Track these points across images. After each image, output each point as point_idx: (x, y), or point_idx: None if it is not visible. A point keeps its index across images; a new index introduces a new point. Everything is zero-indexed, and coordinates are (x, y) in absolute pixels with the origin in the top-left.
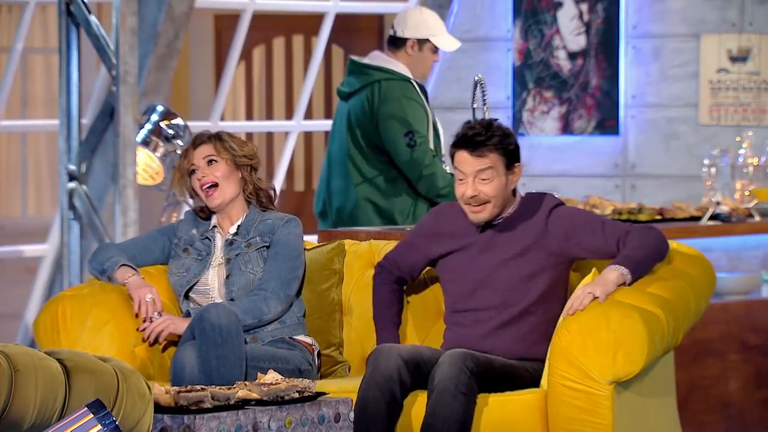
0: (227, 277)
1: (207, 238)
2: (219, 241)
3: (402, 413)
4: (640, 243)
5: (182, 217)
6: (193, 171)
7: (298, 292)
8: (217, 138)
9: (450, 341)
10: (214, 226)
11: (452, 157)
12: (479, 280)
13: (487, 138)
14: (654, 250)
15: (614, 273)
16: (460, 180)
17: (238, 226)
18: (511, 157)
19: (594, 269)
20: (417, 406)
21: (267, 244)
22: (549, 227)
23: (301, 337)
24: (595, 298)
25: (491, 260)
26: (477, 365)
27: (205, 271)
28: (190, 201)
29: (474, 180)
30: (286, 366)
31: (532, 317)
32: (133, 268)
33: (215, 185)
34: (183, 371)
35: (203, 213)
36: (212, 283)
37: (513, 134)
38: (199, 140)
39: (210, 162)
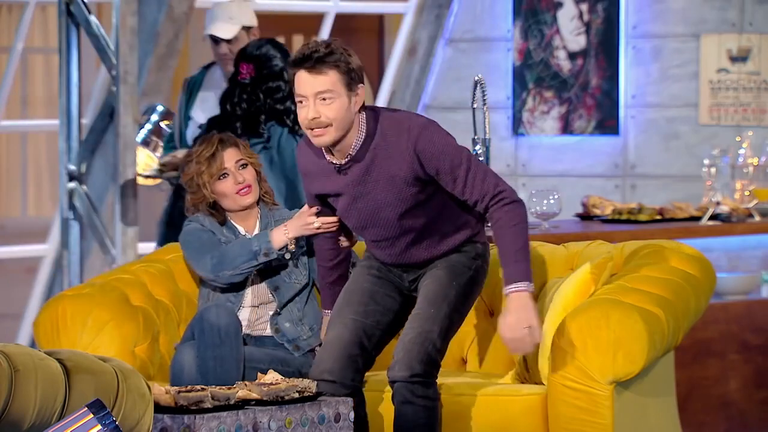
0: (276, 289)
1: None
2: None
3: (385, 413)
4: (518, 238)
5: (195, 222)
6: (224, 175)
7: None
8: (237, 141)
9: (370, 254)
10: (243, 233)
11: (293, 80)
12: (363, 220)
13: (326, 55)
14: (526, 237)
15: (524, 298)
16: (301, 103)
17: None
18: (353, 77)
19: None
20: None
21: (303, 249)
22: (415, 166)
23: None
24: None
25: (367, 206)
26: (423, 363)
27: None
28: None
29: (314, 102)
30: (286, 368)
31: (435, 224)
32: (267, 231)
33: (249, 186)
34: (182, 372)
35: (217, 218)
36: (247, 289)
37: (356, 56)
38: (224, 144)
39: (243, 166)
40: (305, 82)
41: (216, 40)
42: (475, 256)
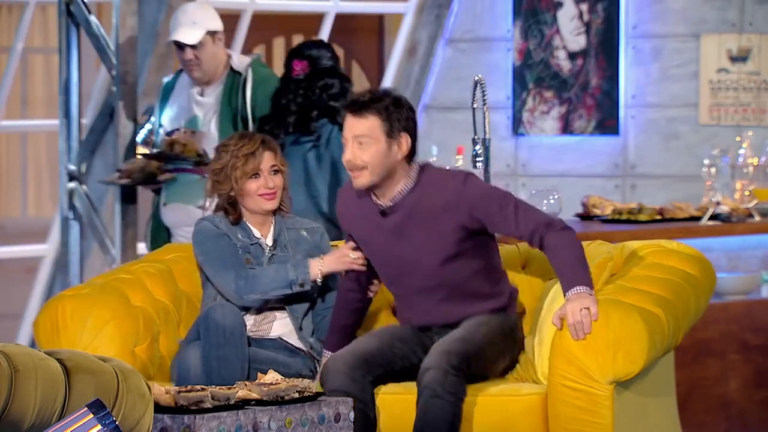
0: (289, 302)
1: (258, 243)
2: (266, 251)
3: (391, 416)
4: (576, 254)
5: (209, 222)
6: (256, 175)
7: None
8: (276, 146)
9: (401, 319)
10: (257, 237)
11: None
12: (400, 268)
13: (371, 101)
14: (583, 255)
15: (581, 293)
16: (345, 145)
17: (275, 240)
18: (397, 125)
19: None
20: (406, 407)
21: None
22: (461, 211)
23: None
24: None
25: (407, 249)
26: (460, 360)
27: None
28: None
29: (352, 144)
30: (287, 371)
31: (472, 282)
32: (306, 261)
33: (275, 193)
34: (188, 372)
35: (232, 215)
36: None
37: (409, 107)
38: (265, 145)
39: (275, 172)
40: (348, 125)
41: (181, 46)
42: (506, 320)
